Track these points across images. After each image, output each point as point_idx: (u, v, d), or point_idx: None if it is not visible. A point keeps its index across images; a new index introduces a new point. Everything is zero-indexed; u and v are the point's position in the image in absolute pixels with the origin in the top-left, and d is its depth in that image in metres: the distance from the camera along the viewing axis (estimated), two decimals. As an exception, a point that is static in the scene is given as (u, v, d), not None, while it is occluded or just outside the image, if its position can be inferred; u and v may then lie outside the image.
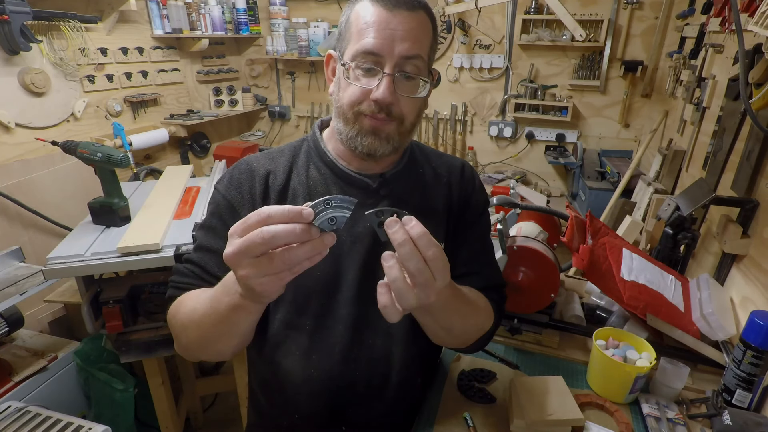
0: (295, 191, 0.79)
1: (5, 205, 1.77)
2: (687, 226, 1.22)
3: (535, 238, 1.11)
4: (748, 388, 0.87)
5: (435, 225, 0.83)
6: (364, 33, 0.68)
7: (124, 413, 1.61)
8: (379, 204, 0.79)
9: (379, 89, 0.69)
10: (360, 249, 0.77)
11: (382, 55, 0.68)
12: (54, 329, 1.90)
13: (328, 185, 0.79)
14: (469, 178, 0.89)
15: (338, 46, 0.75)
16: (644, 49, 2.65)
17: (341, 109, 0.74)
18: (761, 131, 1.03)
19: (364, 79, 0.70)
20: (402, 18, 0.68)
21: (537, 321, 1.12)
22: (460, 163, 0.91)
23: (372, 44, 0.68)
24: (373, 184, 0.79)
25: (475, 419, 0.85)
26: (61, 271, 1.26)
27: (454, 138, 3.18)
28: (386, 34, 0.68)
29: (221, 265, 0.73)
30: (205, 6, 2.78)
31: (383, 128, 0.72)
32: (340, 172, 0.80)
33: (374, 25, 0.68)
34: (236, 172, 0.80)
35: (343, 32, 0.73)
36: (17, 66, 1.85)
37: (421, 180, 0.85)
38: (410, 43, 0.69)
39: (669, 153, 1.97)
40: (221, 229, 0.77)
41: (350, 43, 0.71)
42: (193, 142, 2.96)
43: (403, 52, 0.69)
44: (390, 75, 0.69)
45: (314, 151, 0.83)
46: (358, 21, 0.70)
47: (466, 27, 2.92)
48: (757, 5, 1.00)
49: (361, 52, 0.69)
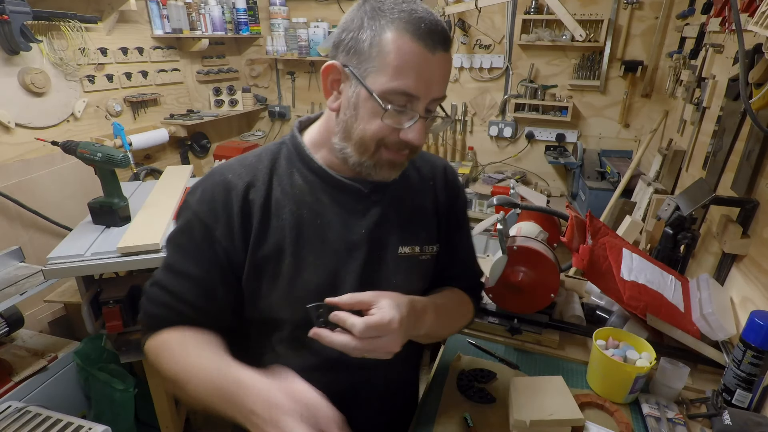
0: (278, 203, 0.74)
1: (5, 205, 1.77)
2: (687, 226, 1.22)
3: (535, 238, 1.11)
4: (748, 388, 0.87)
5: (427, 226, 0.84)
6: (404, 73, 0.64)
7: (124, 413, 1.62)
8: (371, 209, 0.78)
9: (413, 132, 0.67)
10: (357, 256, 0.76)
11: (418, 98, 0.66)
12: (54, 329, 1.90)
13: (316, 193, 0.75)
14: (452, 182, 0.90)
15: (352, 63, 0.66)
16: (644, 49, 2.65)
17: (362, 140, 0.69)
18: (761, 131, 1.03)
19: (395, 119, 0.67)
20: (439, 60, 0.66)
21: (537, 321, 1.12)
22: (441, 164, 0.91)
23: (413, 87, 0.65)
24: (364, 189, 0.77)
25: (475, 419, 0.85)
26: (61, 271, 1.26)
27: (454, 138, 3.18)
28: (426, 78, 0.65)
29: (196, 291, 0.72)
30: (205, 6, 2.78)
31: (400, 159, 0.72)
32: (331, 180, 0.76)
33: (416, 67, 0.64)
34: (209, 185, 0.73)
35: (363, 51, 0.65)
36: (17, 66, 1.85)
37: (408, 182, 0.84)
38: (443, 86, 0.69)
39: (669, 153, 1.97)
40: (192, 250, 0.72)
41: (380, 74, 0.64)
42: (193, 142, 2.96)
43: (437, 94, 0.68)
44: (424, 118, 0.68)
45: (296, 157, 0.77)
46: (395, 53, 0.63)
47: (466, 27, 2.92)
48: (757, 5, 1.00)
49: (398, 92, 0.65)
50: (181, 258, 0.73)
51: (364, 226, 0.77)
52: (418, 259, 0.82)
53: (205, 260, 0.72)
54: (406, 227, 0.81)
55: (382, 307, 0.63)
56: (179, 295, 0.72)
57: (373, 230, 0.77)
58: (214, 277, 0.72)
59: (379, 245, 0.78)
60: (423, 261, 0.83)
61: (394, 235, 0.79)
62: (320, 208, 0.74)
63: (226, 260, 0.72)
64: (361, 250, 0.76)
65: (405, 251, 0.80)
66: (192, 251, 0.72)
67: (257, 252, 0.72)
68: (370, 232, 0.77)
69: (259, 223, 0.72)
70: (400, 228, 0.80)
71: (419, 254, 0.82)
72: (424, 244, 0.83)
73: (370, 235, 0.77)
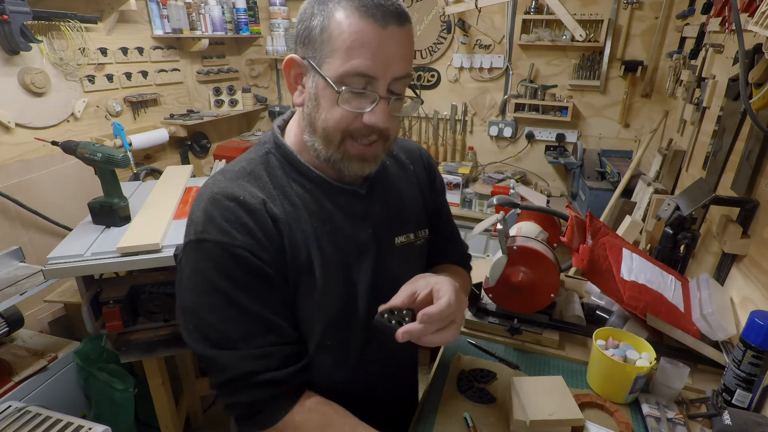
0: (293, 215, 0.71)
1: (5, 205, 1.77)
2: (687, 226, 1.22)
3: (535, 238, 1.11)
4: (748, 388, 0.87)
5: (416, 212, 0.87)
6: (356, 52, 0.61)
7: (124, 413, 1.62)
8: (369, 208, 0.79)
9: (375, 114, 0.64)
10: (368, 256, 0.77)
11: (376, 78, 0.63)
12: (54, 329, 1.90)
13: (317, 200, 0.74)
14: (428, 163, 0.94)
15: (309, 53, 0.65)
16: (644, 49, 2.65)
17: (325, 131, 0.67)
18: (761, 131, 1.03)
19: (354, 102, 0.64)
20: (394, 35, 0.62)
21: (537, 321, 1.12)
22: (416, 148, 0.94)
23: (367, 67, 0.61)
24: (361, 190, 0.77)
25: (475, 419, 0.85)
26: (61, 271, 1.26)
27: (454, 138, 3.18)
28: (381, 56, 0.62)
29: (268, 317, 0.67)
30: (205, 6, 2.77)
31: (370, 152, 0.69)
32: (329, 187, 0.74)
33: (368, 44, 0.61)
34: (232, 217, 0.65)
35: (316, 39, 0.63)
36: (17, 66, 1.85)
37: (393, 173, 0.87)
38: (403, 63, 0.65)
39: (669, 153, 1.97)
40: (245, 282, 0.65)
41: (334, 58, 0.62)
42: (193, 142, 2.96)
43: (397, 73, 0.64)
44: (386, 99, 0.64)
45: (288, 167, 0.74)
46: (344, 34, 0.61)
47: (466, 27, 2.92)
48: (757, 5, 1.00)
49: (354, 73, 0.62)
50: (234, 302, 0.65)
51: (369, 226, 0.78)
52: (414, 245, 0.85)
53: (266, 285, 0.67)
54: (399, 216, 0.83)
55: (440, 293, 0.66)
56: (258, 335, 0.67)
57: (377, 229, 0.79)
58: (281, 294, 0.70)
59: (380, 241, 0.79)
60: (418, 246, 0.86)
61: (391, 228, 0.82)
62: (325, 214, 0.74)
63: (282, 276, 0.69)
64: (371, 249, 0.78)
65: (401, 240, 0.83)
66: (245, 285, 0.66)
67: (294, 265, 0.70)
68: (375, 231, 0.79)
69: (288, 239, 0.69)
70: (394, 218, 0.83)
71: (414, 240, 0.85)
72: (417, 230, 0.86)
73: (374, 234, 0.78)
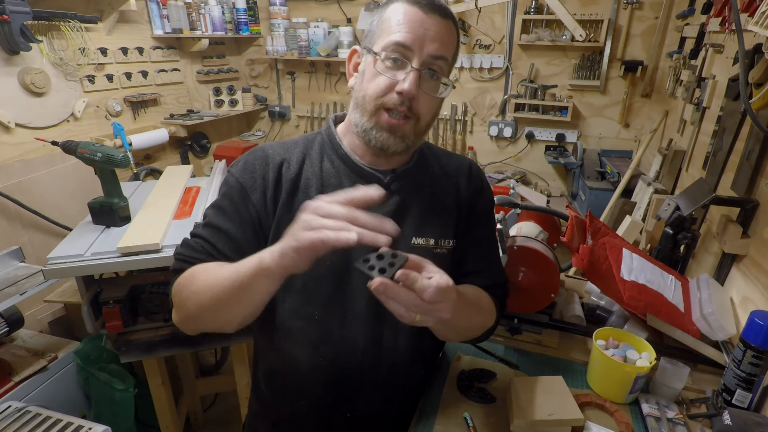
0: (308, 181, 0.80)
1: (5, 205, 1.77)
2: (687, 226, 1.22)
3: (535, 238, 1.11)
4: (748, 388, 0.87)
5: (444, 223, 0.85)
6: (397, 28, 0.71)
7: (124, 413, 1.61)
8: (390, 198, 0.80)
9: (406, 82, 0.71)
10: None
11: (412, 50, 0.71)
12: (54, 329, 1.90)
13: (341, 178, 0.80)
14: (476, 179, 0.91)
15: (365, 42, 0.77)
16: (644, 49, 2.65)
17: (363, 100, 0.75)
18: (761, 131, 1.03)
19: (390, 72, 0.72)
20: (435, 21, 0.72)
21: (537, 321, 1.12)
22: (467, 162, 0.92)
23: (404, 38, 0.70)
24: (384, 179, 0.80)
25: (475, 419, 0.85)
26: (61, 271, 1.25)
27: (454, 138, 3.18)
28: (419, 32, 0.71)
29: (230, 245, 0.77)
30: (205, 6, 2.78)
31: (400, 127, 0.74)
32: (353, 166, 0.81)
33: (408, 22, 0.71)
34: (251, 158, 0.82)
35: (374, 29, 0.76)
36: (17, 66, 1.85)
37: (431, 178, 0.86)
38: (439, 44, 0.72)
39: (669, 153, 1.97)
40: (231, 211, 0.79)
41: (380, 37, 0.73)
42: (193, 142, 2.96)
43: (432, 51, 0.71)
44: (417, 70, 0.71)
45: (328, 144, 0.84)
46: (391, 18, 0.73)
47: (466, 27, 2.92)
48: (757, 5, 1.00)
49: (393, 43, 0.71)
50: (221, 216, 0.79)
51: (379, 213, 0.77)
52: (432, 252, 0.82)
53: (241, 219, 0.78)
54: (422, 219, 0.82)
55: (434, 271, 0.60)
56: (215, 245, 0.77)
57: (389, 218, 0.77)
58: (247, 235, 0.78)
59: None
60: (437, 254, 0.83)
61: (410, 226, 0.81)
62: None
63: (258, 222, 0.78)
64: None
65: (419, 242, 0.81)
66: (231, 211, 0.79)
67: (282, 219, 0.77)
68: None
69: (287, 195, 0.78)
70: (416, 219, 0.82)
71: (433, 247, 0.82)
72: (439, 238, 0.83)
73: None
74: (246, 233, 0.77)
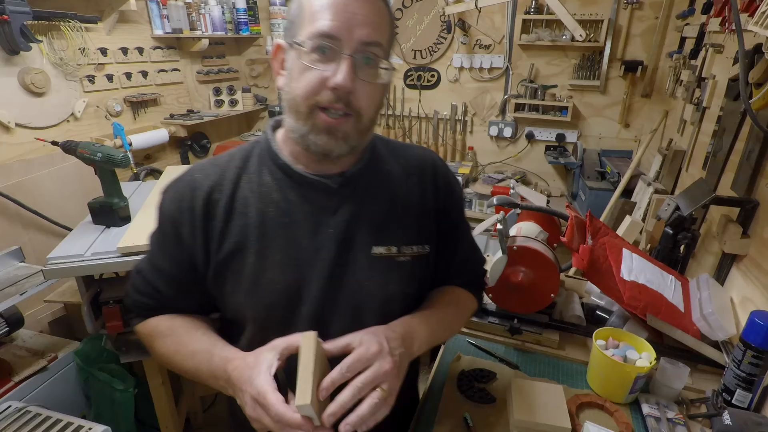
0: (245, 201, 0.72)
1: (5, 205, 1.77)
2: (687, 226, 1.22)
3: (535, 238, 1.11)
4: (748, 388, 0.87)
5: (408, 224, 0.77)
6: (319, 15, 0.62)
7: (124, 413, 1.61)
8: (342, 205, 0.73)
9: (338, 74, 0.62)
10: (324, 257, 0.71)
11: (340, 39, 0.62)
12: (54, 329, 1.90)
13: (283, 191, 0.72)
14: (444, 176, 0.83)
15: (288, 36, 0.67)
16: (644, 49, 2.65)
17: (294, 101, 0.66)
18: (761, 131, 1.03)
19: (319, 64, 0.63)
20: (361, 2, 0.62)
21: (537, 321, 1.12)
22: (430, 158, 0.84)
23: (329, 26, 0.61)
24: (332, 184, 0.72)
25: (475, 419, 0.85)
26: (61, 271, 1.25)
27: (454, 138, 3.18)
28: (345, 17, 0.61)
29: (170, 285, 0.76)
30: (205, 6, 2.77)
31: (340, 127, 0.65)
32: (296, 175, 0.72)
33: (331, 6, 0.61)
34: (180, 186, 0.74)
35: (294, 19, 0.66)
36: (17, 66, 1.85)
37: (387, 177, 0.78)
38: (371, 28, 0.63)
39: (669, 153, 1.97)
40: (165, 246, 0.76)
41: (302, 27, 0.64)
42: (193, 142, 2.96)
43: (364, 37, 0.62)
44: (349, 57, 0.62)
45: (266, 154, 0.75)
46: (312, 4, 0.63)
47: (466, 27, 2.92)
48: (757, 5, 1.00)
49: (317, 34, 0.62)
50: (157, 252, 0.77)
51: (332, 224, 0.72)
52: (395, 261, 0.75)
53: (174, 257, 0.75)
54: (381, 224, 0.75)
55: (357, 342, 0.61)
56: (157, 287, 0.76)
57: (343, 229, 0.72)
58: (184, 274, 0.75)
59: (348, 245, 0.72)
60: (401, 263, 0.75)
61: (368, 235, 0.73)
62: (288, 206, 0.71)
63: (192, 257, 0.73)
64: (327, 250, 0.71)
65: (380, 251, 0.74)
66: (164, 247, 0.76)
67: (219, 251, 0.72)
68: (340, 231, 0.72)
69: (222, 223, 0.71)
70: (374, 225, 0.74)
71: (396, 255, 0.75)
72: (402, 245, 0.75)
73: (340, 235, 0.72)
74: (182, 271, 0.74)
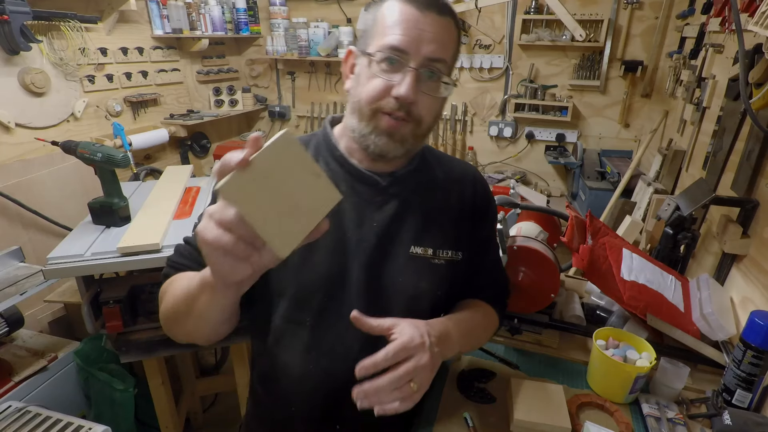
0: None
1: (5, 205, 1.77)
2: (687, 226, 1.22)
3: (535, 238, 1.11)
4: (748, 388, 0.87)
5: (444, 232, 0.82)
6: (392, 29, 0.68)
7: (124, 413, 1.61)
8: (388, 202, 0.78)
9: (403, 86, 0.68)
10: (366, 248, 0.76)
11: (408, 53, 0.68)
12: (54, 329, 1.90)
13: (336, 180, 0.76)
14: (482, 190, 0.88)
15: (360, 44, 0.74)
16: (644, 49, 2.66)
17: (358, 104, 0.72)
18: (761, 131, 1.03)
19: (386, 74, 0.69)
20: (431, 20, 0.68)
21: (537, 321, 1.12)
22: (471, 171, 0.89)
23: (399, 40, 0.67)
24: (382, 182, 0.78)
25: (475, 419, 0.85)
26: (61, 271, 1.25)
27: (454, 138, 3.18)
28: (414, 33, 0.67)
29: None
30: (205, 6, 2.78)
31: (399, 130, 0.71)
32: (351, 168, 0.78)
33: (403, 23, 0.67)
34: None
35: (368, 30, 0.72)
36: (17, 66, 1.85)
37: (432, 183, 0.84)
38: (437, 45, 0.68)
39: (669, 153, 1.98)
40: None
41: (375, 38, 0.70)
42: (193, 142, 2.96)
43: (429, 53, 0.68)
44: (414, 70, 0.68)
45: (324, 146, 0.81)
46: (386, 18, 0.69)
47: (466, 27, 2.92)
48: (757, 5, 1.00)
49: (387, 47, 0.68)
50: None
51: (376, 219, 0.77)
52: (429, 262, 0.80)
53: None
54: (422, 226, 0.80)
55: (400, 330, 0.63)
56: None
57: (386, 224, 0.77)
58: None
59: (389, 240, 0.77)
60: (435, 265, 0.80)
61: (408, 233, 0.79)
62: None
63: None
64: (369, 243, 0.76)
65: (417, 251, 0.79)
66: None
67: None
68: (383, 227, 0.77)
69: None
70: (415, 225, 0.79)
71: (431, 257, 0.80)
72: (438, 248, 0.80)
73: (382, 230, 0.77)
74: None
